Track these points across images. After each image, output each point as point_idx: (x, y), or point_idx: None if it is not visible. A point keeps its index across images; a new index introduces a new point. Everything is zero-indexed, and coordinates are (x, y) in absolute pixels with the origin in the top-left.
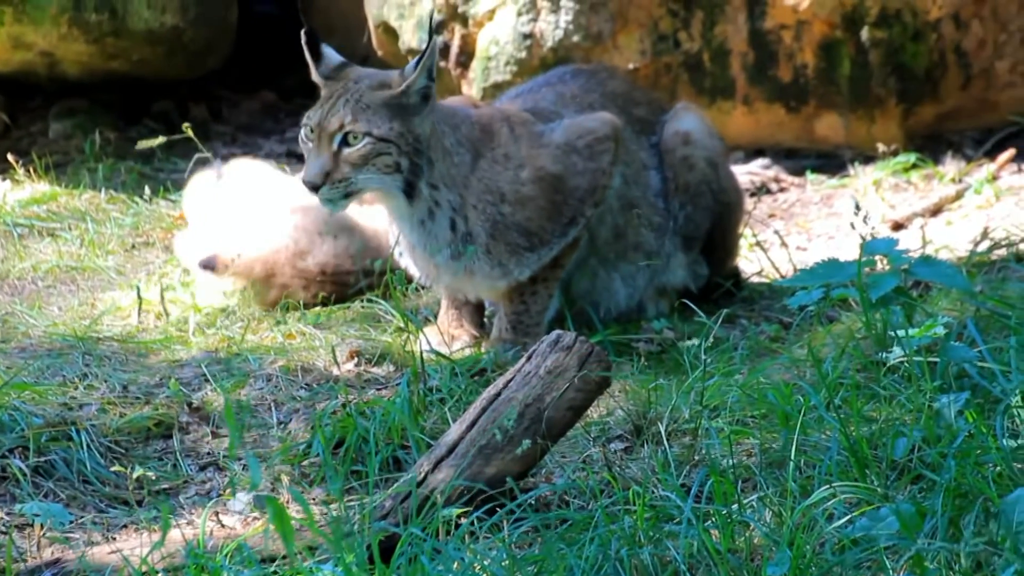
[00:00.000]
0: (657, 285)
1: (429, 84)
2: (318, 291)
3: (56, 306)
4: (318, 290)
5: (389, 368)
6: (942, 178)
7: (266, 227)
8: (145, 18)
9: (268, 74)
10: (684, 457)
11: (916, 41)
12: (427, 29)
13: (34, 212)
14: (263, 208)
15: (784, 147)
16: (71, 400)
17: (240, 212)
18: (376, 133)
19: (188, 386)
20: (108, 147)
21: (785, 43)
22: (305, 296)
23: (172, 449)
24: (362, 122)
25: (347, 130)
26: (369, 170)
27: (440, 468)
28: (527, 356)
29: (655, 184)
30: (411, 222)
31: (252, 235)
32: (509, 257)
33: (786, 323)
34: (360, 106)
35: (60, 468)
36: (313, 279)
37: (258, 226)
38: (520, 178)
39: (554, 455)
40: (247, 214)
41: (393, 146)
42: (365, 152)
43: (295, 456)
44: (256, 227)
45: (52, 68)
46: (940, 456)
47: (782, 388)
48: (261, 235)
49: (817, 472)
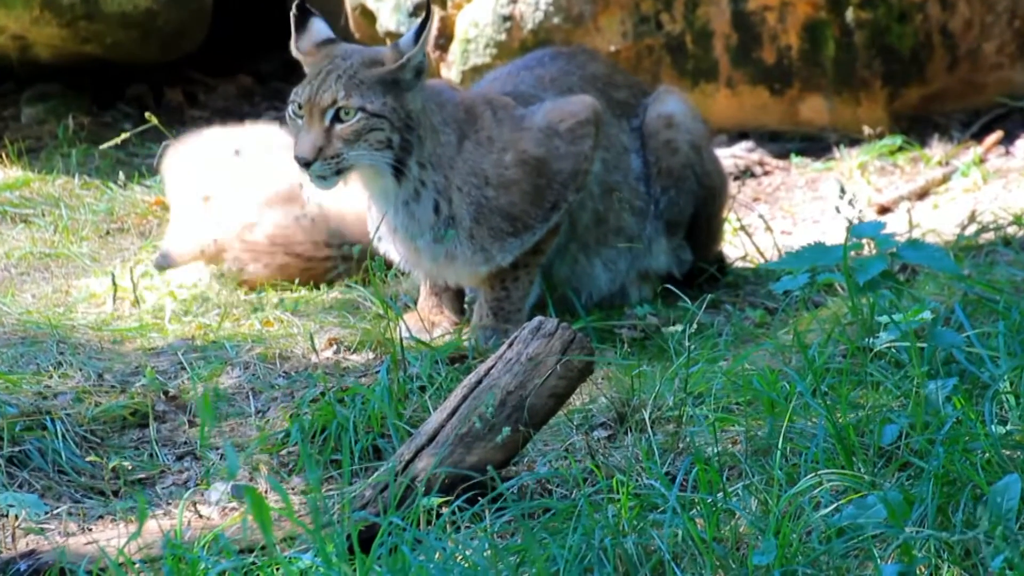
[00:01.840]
0: (639, 270)
1: (423, 59)
2: (271, 263)
3: (29, 294)
4: (270, 262)
5: (368, 356)
6: (928, 161)
7: (216, 205)
8: (119, 1)
9: (245, 57)
10: (668, 445)
11: (902, 22)
12: (424, 3)
13: (6, 198)
14: (213, 186)
15: (768, 130)
16: (45, 389)
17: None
18: (369, 108)
19: (164, 374)
20: (81, 132)
21: (769, 24)
22: (262, 271)
23: (148, 438)
24: (355, 97)
25: (339, 105)
26: (361, 146)
27: (420, 457)
28: (509, 343)
29: (636, 168)
30: (395, 203)
31: (201, 216)
32: (492, 242)
33: (771, 308)
34: (353, 82)
35: (35, 458)
36: (263, 251)
37: (208, 206)
38: (504, 161)
39: (536, 443)
40: (199, 195)
41: (386, 122)
42: (358, 128)
43: (273, 445)
44: (206, 207)
45: (24, 52)
46: (928, 443)
47: (767, 374)
48: (210, 215)
49: (803, 460)
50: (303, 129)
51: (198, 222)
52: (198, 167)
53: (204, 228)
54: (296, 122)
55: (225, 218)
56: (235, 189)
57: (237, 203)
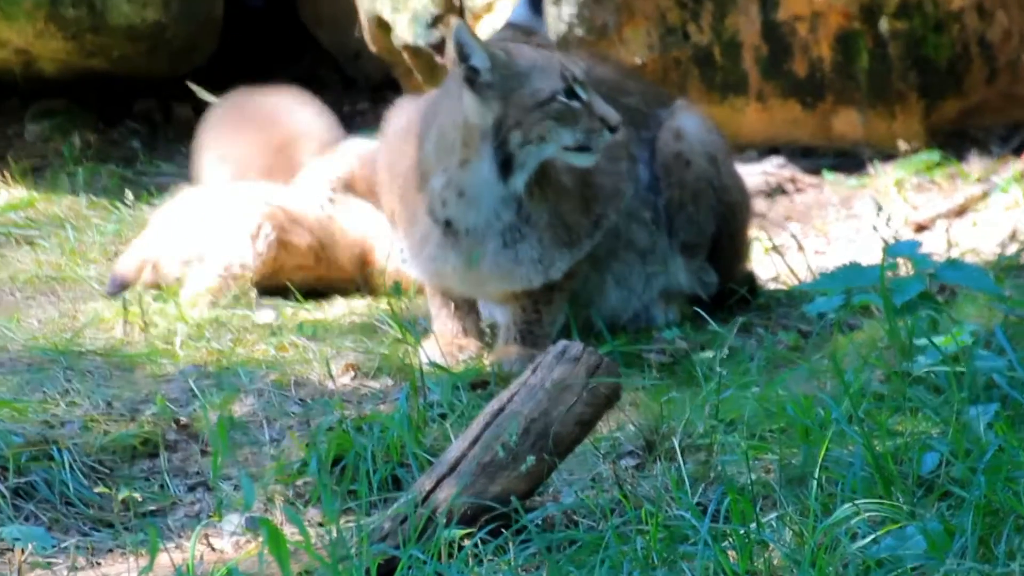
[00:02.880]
0: (662, 291)
1: None
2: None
3: (35, 318)
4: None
5: (387, 382)
6: (967, 177)
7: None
8: (125, 13)
9: (256, 71)
10: (699, 474)
11: (938, 32)
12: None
13: (11, 219)
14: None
15: (800, 145)
16: (52, 417)
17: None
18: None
19: (175, 402)
20: (88, 150)
21: (800, 35)
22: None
23: (159, 468)
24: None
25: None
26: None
27: (441, 487)
28: (532, 368)
29: (644, 179)
30: (490, 201)
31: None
32: (553, 250)
33: (805, 332)
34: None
35: (41, 489)
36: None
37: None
38: (556, 166)
39: (561, 472)
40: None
41: None
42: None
43: (289, 475)
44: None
45: (28, 67)
46: (969, 471)
47: (802, 400)
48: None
49: (840, 489)
50: (597, 99)
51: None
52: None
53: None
54: (581, 98)
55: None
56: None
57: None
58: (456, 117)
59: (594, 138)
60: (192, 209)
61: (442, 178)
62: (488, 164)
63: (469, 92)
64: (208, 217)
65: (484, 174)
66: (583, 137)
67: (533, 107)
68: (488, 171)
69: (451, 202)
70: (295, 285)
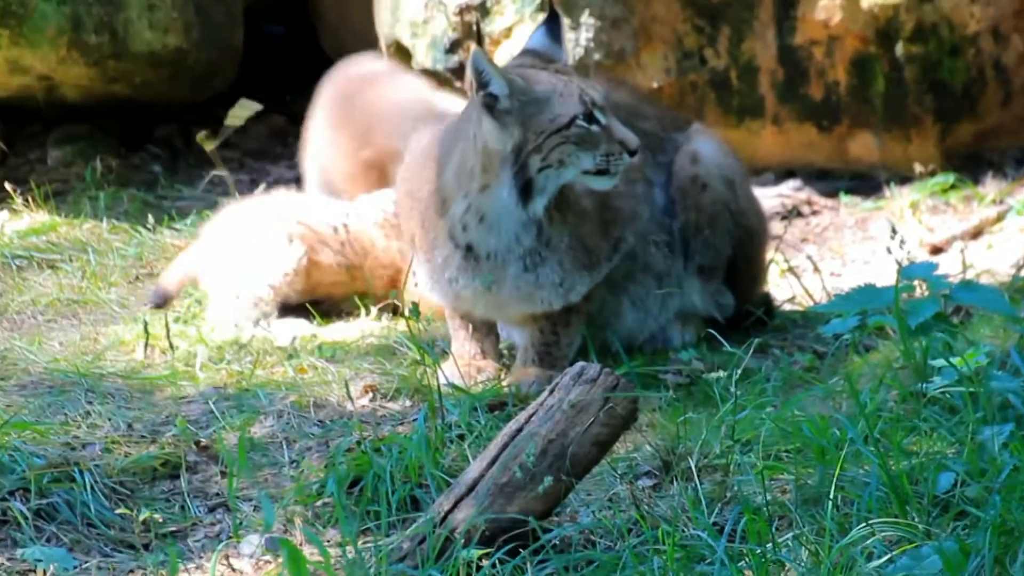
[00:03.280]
0: (678, 312)
1: None
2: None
3: (57, 341)
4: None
5: (406, 403)
6: (982, 199)
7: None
8: (147, 40)
9: (277, 97)
10: (715, 494)
11: (953, 56)
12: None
13: (33, 243)
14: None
15: (816, 168)
16: (74, 439)
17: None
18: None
19: (196, 424)
20: (109, 174)
21: (816, 59)
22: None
23: (180, 490)
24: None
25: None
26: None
27: (460, 507)
28: (550, 389)
29: (660, 202)
30: (510, 225)
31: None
32: (574, 272)
33: (821, 352)
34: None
35: (63, 511)
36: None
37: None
38: (575, 189)
39: (579, 493)
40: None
41: None
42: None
43: (308, 496)
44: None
45: (51, 92)
46: (985, 491)
47: (817, 421)
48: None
49: (855, 509)
50: (616, 123)
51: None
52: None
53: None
54: (600, 121)
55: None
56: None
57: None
58: (476, 143)
59: (613, 161)
60: (229, 225)
61: (463, 203)
62: (508, 189)
63: (488, 118)
64: (241, 235)
65: (504, 199)
66: (603, 161)
67: (552, 132)
68: (508, 196)
69: (472, 227)
70: (333, 299)
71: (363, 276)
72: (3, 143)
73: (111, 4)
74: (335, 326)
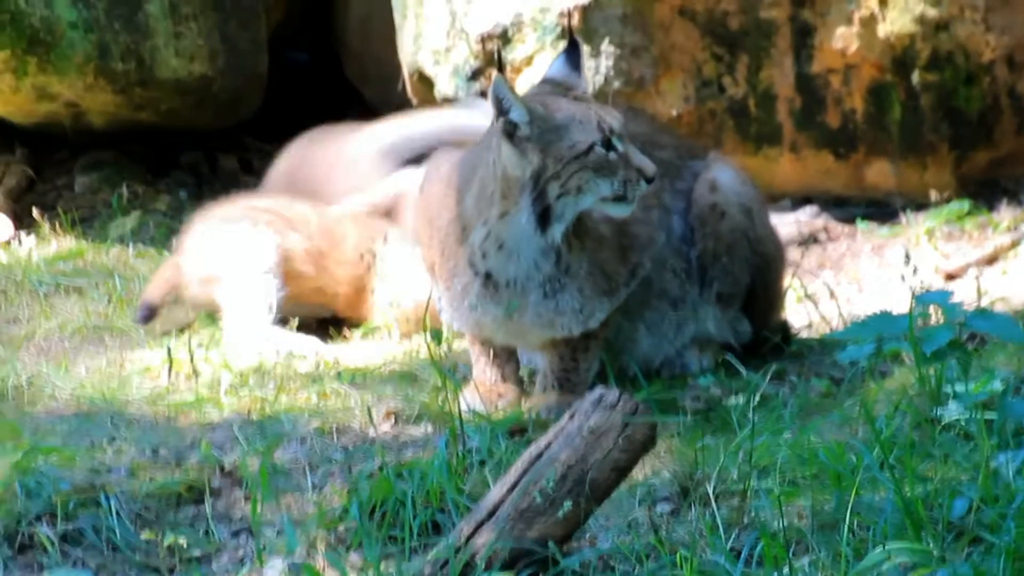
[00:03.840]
0: (694, 338)
1: None
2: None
3: (83, 366)
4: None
5: (427, 428)
6: (997, 226)
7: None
8: (173, 67)
9: (300, 124)
10: (733, 519)
11: (969, 85)
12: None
13: (60, 269)
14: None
15: (833, 195)
16: (99, 464)
17: None
18: None
19: (220, 449)
20: (135, 200)
21: (833, 87)
22: (195, 294)
23: (204, 514)
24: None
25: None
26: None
27: (480, 532)
28: (569, 415)
29: (678, 229)
30: (538, 247)
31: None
32: (594, 298)
33: (837, 379)
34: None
35: (89, 535)
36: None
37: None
38: (593, 216)
39: (598, 517)
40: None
41: None
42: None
43: (331, 520)
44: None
45: (77, 119)
46: (999, 517)
47: (834, 447)
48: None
49: (871, 534)
50: (634, 151)
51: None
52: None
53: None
54: (618, 149)
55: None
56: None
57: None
58: (495, 170)
59: (631, 188)
60: (201, 225)
61: (482, 230)
62: (527, 215)
63: (508, 145)
64: (212, 229)
65: (523, 225)
66: (620, 187)
67: (571, 159)
68: (527, 222)
69: (491, 254)
70: (302, 303)
71: (329, 268)
72: (30, 169)
73: (138, 32)
74: (356, 347)
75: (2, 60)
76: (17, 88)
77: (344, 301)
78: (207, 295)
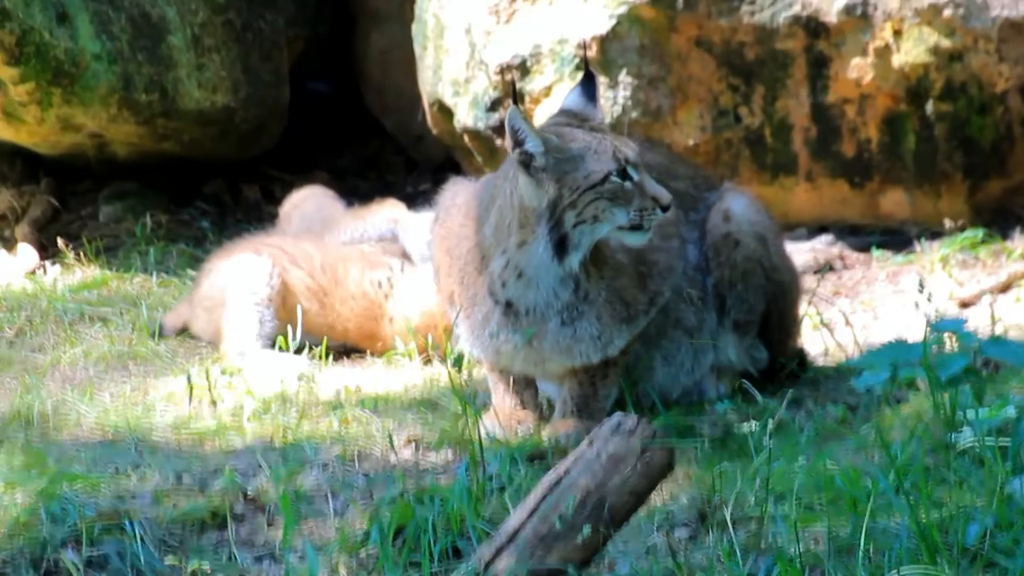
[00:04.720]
0: (712, 366)
1: None
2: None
3: (108, 393)
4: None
5: (448, 454)
6: (1011, 254)
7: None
8: (196, 98)
9: (322, 154)
10: (750, 544)
11: (982, 114)
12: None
13: (85, 297)
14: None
15: (848, 223)
16: (124, 491)
17: None
18: None
19: (243, 475)
20: (159, 230)
21: (848, 117)
22: (202, 326)
23: (227, 540)
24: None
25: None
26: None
27: (500, 557)
28: (588, 440)
29: (693, 259)
30: (556, 276)
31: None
32: (612, 326)
33: (853, 405)
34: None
35: (113, 561)
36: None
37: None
38: (610, 244)
39: (616, 543)
40: None
41: None
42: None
43: (353, 546)
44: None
45: (101, 150)
46: (1013, 542)
47: (850, 472)
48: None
49: (886, 559)
50: (650, 180)
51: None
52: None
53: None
54: (633, 178)
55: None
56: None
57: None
58: (512, 199)
59: (647, 217)
60: (212, 264)
61: (501, 260)
62: (544, 244)
63: (524, 175)
64: (218, 263)
65: (540, 254)
66: (636, 216)
67: (587, 188)
68: (544, 251)
69: (511, 283)
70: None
71: (332, 305)
72: (55, 200)
73: (161, 63)
74: (378, 374)
75: (27, 91)
76: (42, 119)
77: (356, 335)
78: (214, 323)
